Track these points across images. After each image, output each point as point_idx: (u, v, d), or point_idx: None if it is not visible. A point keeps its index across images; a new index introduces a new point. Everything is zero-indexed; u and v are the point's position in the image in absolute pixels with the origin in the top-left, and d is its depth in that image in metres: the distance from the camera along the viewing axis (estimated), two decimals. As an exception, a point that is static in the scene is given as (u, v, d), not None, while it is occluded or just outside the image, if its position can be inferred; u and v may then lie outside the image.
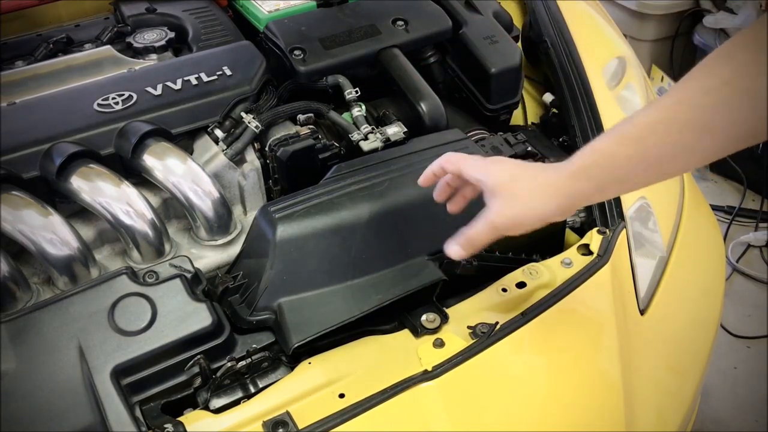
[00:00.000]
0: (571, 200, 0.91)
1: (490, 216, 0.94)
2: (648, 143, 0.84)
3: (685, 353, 1.25)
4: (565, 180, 0.90)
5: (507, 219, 0.93)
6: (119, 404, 0.93)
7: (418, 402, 0.98)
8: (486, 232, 0.96)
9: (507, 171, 0.94)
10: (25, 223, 1.10)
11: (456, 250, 0.99)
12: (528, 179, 0.92)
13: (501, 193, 0.93)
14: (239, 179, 1.29)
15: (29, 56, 1.51)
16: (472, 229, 0.97)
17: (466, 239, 0.98)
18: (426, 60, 1.56)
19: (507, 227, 0.95)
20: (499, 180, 0.94)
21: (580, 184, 0.89)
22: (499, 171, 0.95)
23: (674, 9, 2.96)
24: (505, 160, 0.98)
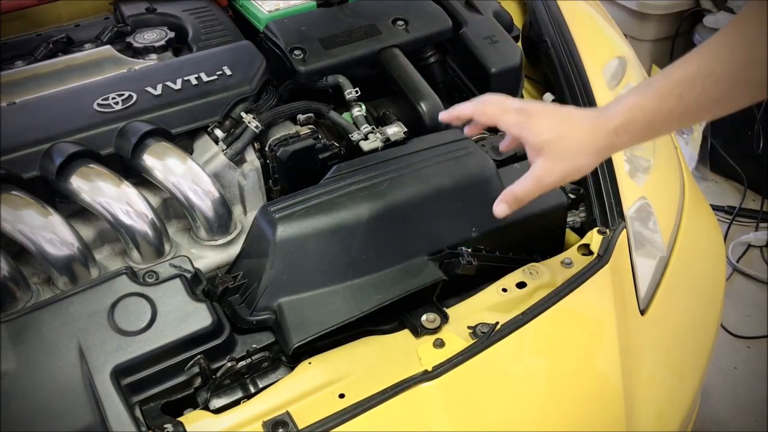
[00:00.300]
0: (610, 152, 0.97)
1: (538, 174, 0.96)
2: (688, 97, 0.88)
3: (686, 353, 1.25)
4: (608, 136, 0.93)
5: (555, 177, 0.96)
6: (119, 404, 0.93)
7: (418, 402, 0.98)
8: (534, 189, 0.97)
9: (549, 128, 0.95)
10: (25, 223, 1.10)
11: (502, 207, 0.99)
12: (572, 137, 0.94)
13: (547, 151, 0.95)
14: (239, 179, 1.29)
15: (29, 56, 1.51)
16: (518, 187, 0.98)
17: (513, 197, 0.99)
18: (426, 60, 1.56)
19: (555, 183, 0.97)
20: (542, 138, 0.95)
21: (621, 139, 0.93)
22: (541, 128, 0.95)
23: (674, 9, 2.96)
24: (542, 113, 0.97)
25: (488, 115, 1.00)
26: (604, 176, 1.30)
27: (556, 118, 0.96)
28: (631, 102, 0.92)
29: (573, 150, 0.94)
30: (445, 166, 1.22)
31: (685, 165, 1.52)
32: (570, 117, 0.96)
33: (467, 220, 1.19)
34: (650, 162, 1.41)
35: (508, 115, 0.98)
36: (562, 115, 0.97)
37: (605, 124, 0.93)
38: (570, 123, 0.95)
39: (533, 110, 0.98)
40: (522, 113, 0.97)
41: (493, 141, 1.40)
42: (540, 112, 0.97)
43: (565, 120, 0.96)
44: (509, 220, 1.21)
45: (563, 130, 0.95)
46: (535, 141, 0.95)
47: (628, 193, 1.30)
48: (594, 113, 0.95)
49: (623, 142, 0.94)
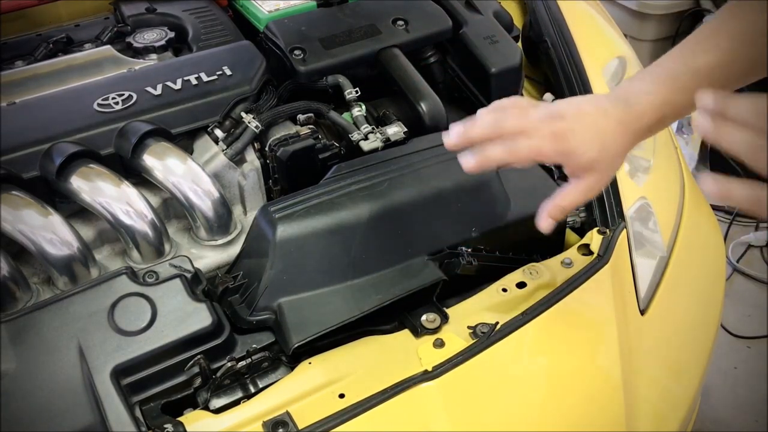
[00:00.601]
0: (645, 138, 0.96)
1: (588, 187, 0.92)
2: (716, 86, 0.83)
3: (686, 353, 1.25)
4: (644, 134, 0.93)
5: (603, 186, 0.95)
6: (119, 404, 0.93)
7: (418, 402, 0.98)
8: (582, 201, 0.95)
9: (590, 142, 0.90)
10: (25, 223, 1.10)
11: (549, 222, 0.95)
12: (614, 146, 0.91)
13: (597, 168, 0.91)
14: (239, 179, 1.29)
15: (29, 56, 1.51)
16: (566, 200, 0.94)
17: (560, 210, 0.95)
18: (426, 60, 1.56)
19: (600, 191, 0.98)
20: (590, 157, 0.90)
21: (650, 134, 0.95)
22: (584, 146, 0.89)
23: (674, 9, 2.96)
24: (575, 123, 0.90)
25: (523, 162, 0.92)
26: (604, 176, 1.30)
27: (589, 126, 0.91)
28: (660, 98, 0.90)
29: (616, 158, 0.93)
30: (445, 166, 1.22)
31: (685, 165, 1.52)
32: (601, 120, 0.91)
33: (467, 220, 1.19)
34: (650, 162, 1.41)
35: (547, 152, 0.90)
36: (593, 119, 0.91)
37: (636, 123, 0.91)
38: (605, 130, 0.91)
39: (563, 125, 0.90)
40: (557, 138, 0.89)
41: (493, 141, 1.40)
42: (572, 123, 0.90)
43: (601, 131, 0.91)
44: (509, 220, 1.22)
45: (602, 140, 0.90)
46: (583, 163, 0.90)
47: (628, 193, 1.30)
48: (621, 115, 0.91)
49: (653, 133, 0.96)
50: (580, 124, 0.91)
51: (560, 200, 0.94)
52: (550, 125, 0.90)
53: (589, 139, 0.90)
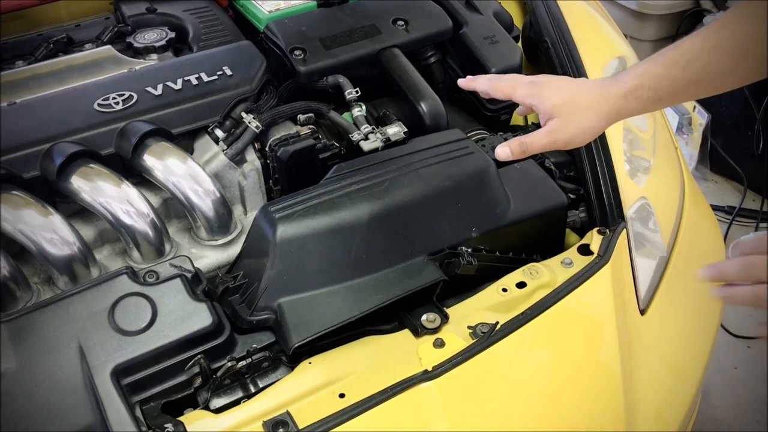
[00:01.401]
0: (618, 117, 1.00)
1: (550, 128, 0.99)
2: (694, 67, 0.93)
3: (686, 353, 1.25)
4: (617, 100, 0.97)
5: (567, 133, 0.99)
6: (119, 404, 0.93)
7: (418, 402, 0.98)
8: (543, 141, 0.99)
9: (559, 94, 0.99)
10: (26, 222, 1.10)
11: (505, 150, 1.01)
12: (581, 100, 0.98)
13: (558, 113, 0.98)
14: (239, 179, 1.29)
15: (29, 56, 1.51)
16: (528, 137, 1.01)
17: (519, 143, 1.01)
18: (426, 60, 1.56)
19: (565, 142, 0.99)
20: (553, 103, 0.99)
21: (629, 104, 0.98)
22: (551, 95, 0.99)
23: (675, 9, 2.96)
24: (552, 81, 1.02)
25: (502, 89, 1.03)
26: (604, 176, 1.30)
27: (566, 85, 1.01)
28: (641, 69, 0.97)
29: (582, 110, 0.98)
30: (445, 166, 1.22)
31: (685, 165, 1.52)
32: (579, 83, 1.01)
33: (467, 220, 1.20)
34: (650, 162, 1.42)
35: (521, 88, 1.02)
36: (571, 81, 1.02)
37: (615, 89, 0.97)
38: (579, 88, 1.00)
39: (543, 80, 1.03)
40: (533, 84, 1.01)
41: (493, 141, 1.40)
42: (550, 80, 1.02)
43: (574, 85, 1.01)
44: (509, 220, 1.22)
45: (572, 94, 0.99)
46: (546, 106, 0.99)
47: (628, 193, 1.30)
48: (604, 80, 1.00)
49: (631, 108, 0.99)
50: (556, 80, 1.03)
51: (523, 136, 1.01)
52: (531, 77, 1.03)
53: (559, 90, 1.00)
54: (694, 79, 0.94)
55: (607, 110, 0.98)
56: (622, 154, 1.35)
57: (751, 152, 2.65)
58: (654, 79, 0.96)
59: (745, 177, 2.76)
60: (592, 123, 0.98)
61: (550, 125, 0.99)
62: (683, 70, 0.93)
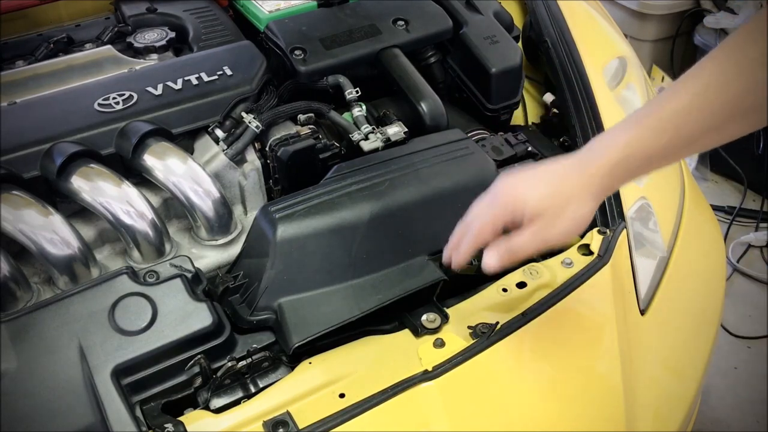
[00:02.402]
0: (607, 194, 0.92)
1: (538, 228, 0.89)
2: (685, 129, 0.84)
3: (686, 353, 1.25)
4: (602, 179, 0.88)
5: (556, 232, 0.89)
6: (120, 404, 0.93)
7: (418, 402, 0.98)
8: (532, 244, 0.90)
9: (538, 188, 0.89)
10: (26, 222, 1.10)
11: (493, 259, 0.92)
12: (566, 190, 0.88)
13: (543, 211, 0.89)
14: (240, 179, 1.29)
15: (30, 56, 1.51)
16: (515, 240, 0.91)
17: (507, 249, 0.91)
18: (426, 60, 1.56)
19: (557, 239, 0.90)
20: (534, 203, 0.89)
21: (617, 179, 0.90)
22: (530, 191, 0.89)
23: (675, 9, 2.96)
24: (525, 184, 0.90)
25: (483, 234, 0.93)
26: (604, 176, 1.30)
27: (540, 175, 0.90)
28: (624, 138, 0.87)
29: (567, 200, 0.88)
30: (445, 166, 1.22)
31: (685, 165, 1.52)
32: (552, 168, 0.91)
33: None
34: (650, 162, 1.41)
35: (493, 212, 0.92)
36: (544, 169, 0.91)
37: (596, 168, 0.88)
38: (556, 175, 0.90)
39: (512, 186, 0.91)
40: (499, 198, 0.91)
41: (493, 141, 1.40)
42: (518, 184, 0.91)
43: (549, 172, 0.90)
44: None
45: (552, 185, 0.89)
46: (529, 211, 0.89)
47: (628, 193, 1.30)
48: (581, 157, 0.89)
49: (620, 181, 0.91)
50: (521, 176, 0.92)
51: (510, 238, 0.92)
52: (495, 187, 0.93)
53: (530, 184, 0.90)
54: (688, 140, 0.85)
55: (594, 191, 0.88)
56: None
57: (751, 152, 2.65)
58: (640, 148, 0.86)
59: (745, 177, 2.77)
60: (583, 210, 0.89)
61: (534, 226, 0.88)
62: (675, 134, 0.84)
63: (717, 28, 2.84)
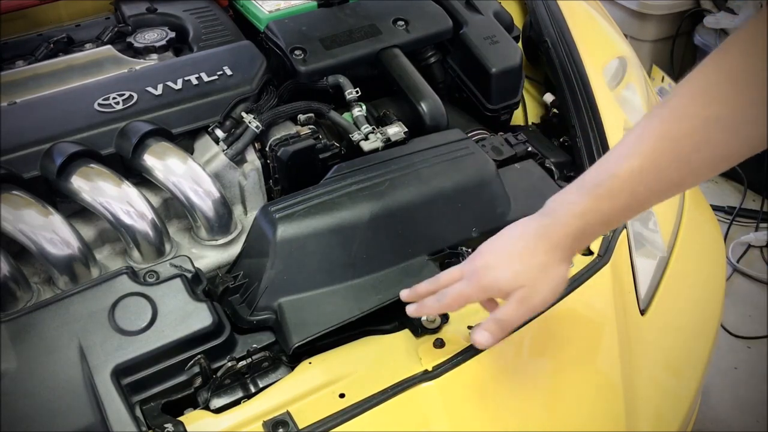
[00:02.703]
0: (576, 252, 0.94)
1: (521, 296, 0.90)
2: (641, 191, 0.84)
3: (686, 353, 1.25)
4: (568, 244, 0.90)
5: (540, 298, 0.91)
6: (120, 404, 0.93)
7: (418, 402, 0.98)
8: (518, 312, 0.91)
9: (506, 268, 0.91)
10: (26, 222, 1.10)
11: (483, 336, 0.92)
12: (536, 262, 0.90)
13: (521, 283, 0.90)
14: (240, 179, 1.29)
15: (30, 56, 1.51)
16: (500, 312, 0.92)
17: (494, 322, 0.92)
18: (426, 60, 1.56)
19: (542, 305, 0.92)
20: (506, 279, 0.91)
21: (581, 242, 0.92)
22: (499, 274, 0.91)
23: (675, 9, 2.96)
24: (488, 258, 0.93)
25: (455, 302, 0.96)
26: (604, 176, 1.30)
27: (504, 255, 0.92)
28: (581, 207, 0.87)
29: (541, 269, 0.90)
30: (445, 166, 1.22)
31: (685, 165, 1.52)
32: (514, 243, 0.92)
33: (467, 220, 1.20)
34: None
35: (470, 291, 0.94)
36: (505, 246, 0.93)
37: (559, 232, 0.89)
38: (520, 250, 0.91)
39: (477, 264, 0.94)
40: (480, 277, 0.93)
41: (493, 141, 1.40)
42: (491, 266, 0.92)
43: (513, 249, 0.91)
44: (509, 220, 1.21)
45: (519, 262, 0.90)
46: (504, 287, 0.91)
47: (628, 193, 1.29)
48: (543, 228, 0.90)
49: (585, 243, 0.94)
50: (493, 255, 0.94)
51: (494, 312, 0.93)
52: (469, 266, 0.95)
53: (504, 264, 0.91)
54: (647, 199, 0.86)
55: (563, 255, 0.90)
56: (622, 154, 1.35)
57: (751, 152, 2.65)
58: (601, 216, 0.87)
59: (745, 177, 2.77)
60: (557, 273, 0.91)
61: (518, 294, 0.90)
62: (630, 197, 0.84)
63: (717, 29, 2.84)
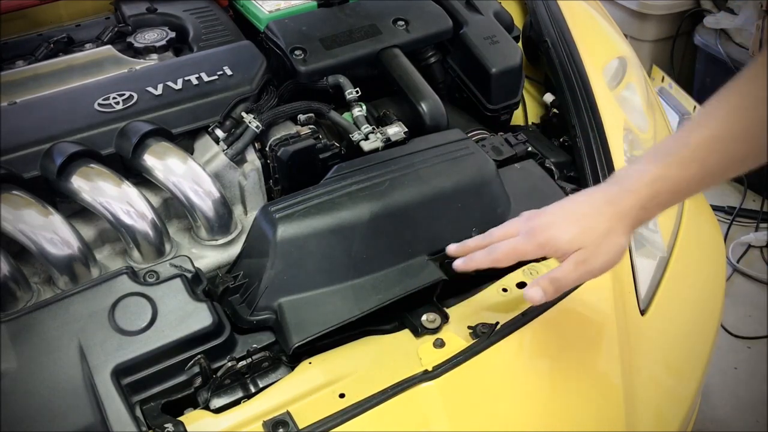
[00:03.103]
0: (640, 225, 0.95)
1: (580, 259, 0.91)
2: (710, 162, 0.87)
3: (686, 353, 1.25)
4: (637, 212, 0.92)
5: (599, 263, 0.92)
6: (120, 404, 0.93)
7: (418, 402, 0.98)
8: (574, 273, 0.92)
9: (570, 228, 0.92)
10: (26, 222, 1.10)
11: (536, 292, 0.93)
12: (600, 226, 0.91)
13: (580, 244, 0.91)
14: (240, 179, 1.29)
15: (30, 56, 1.51)
16: (557, 271, 0.93)
17: (549, 280, 0.94)
18: (426, 60, 1.56)
19: (600, 270, 0.93)
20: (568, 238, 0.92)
21: (649, 212, 0.93)
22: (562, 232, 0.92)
23: (675, 9, 2.96)
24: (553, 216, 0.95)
25: (506, 256, 0.97)
26: (604, 176, 1.30)
27: (570, 215, 0.94)
28: (650, 174, 0.90)
29: (604, 233, 0.91)
30: (445, 166, 1.22)
31: (685, 165, 1.52)
32: (583, 207, 0.94)
33: (468, 220, 1.20)
34: (650, 162, 1.41)
35: (525, 247, 0.95)
36: (574, 208, 0.95)
37: (629, 201, 0.91)
38: (588, 213, 0.93)
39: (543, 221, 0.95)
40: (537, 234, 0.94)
41: (493, 141, 1.40)
42: (550, 218, 0.94)
43: (580, 212, 0.93)
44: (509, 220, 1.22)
45: (584, 222, 0.92)
46: (562, 246, 0.92)
47: (628, 193, 1.29)
48: (609, 193, 0.93)
49: (652, 214, 0.94)
50: (556, 215, 0.95)
51: (552, 270, 0.94)
52: (527, 224, 0.96)
53: (566, 223, 0.93)
54: (713, 172, 0.89)
55: (628, 223, 0.92)
56: (622, 155, 1.36)
57: (751, 152, 2.65)
58: (670, 182, 0.90)
59: (745, 177, 2.77)
60: (620, 241, 0.92)
61: (577, 256, 0.91)
62: (700, 167, 0.88)
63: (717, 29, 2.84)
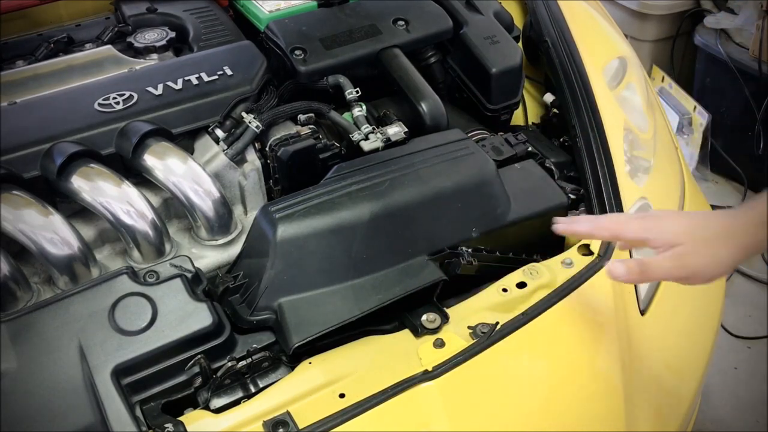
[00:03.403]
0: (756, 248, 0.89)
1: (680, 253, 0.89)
2: None
3: (686, 353, 1.25)
4: (753, 230, 0.88)
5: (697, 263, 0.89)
6: (120, 404, 0.93)
7: (418, 402, 0.98)
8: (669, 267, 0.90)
9: (682, 222, 0.90)
10: (26, 222, 1.10)
11: (621, 272, 0.92)
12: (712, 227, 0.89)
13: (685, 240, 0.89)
14: (240, 179, 1.29)
15: (30, 56, 1.51)
16: (651, 260, 0.91)
17: (639, 265, 0.92)
18: (427, 60, 1.56)
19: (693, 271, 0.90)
20: (676, 230, 0.90)
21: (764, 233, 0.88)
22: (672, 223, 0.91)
23: (675, 9, 2.96)
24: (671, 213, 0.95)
25: (607, 228, 0.96)
26: (604, 176, 1.30)
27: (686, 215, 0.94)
28: None
29: (713, 237, 0.88)
30: (445, 166, 1.22)
31: (685, 165, 1.52)
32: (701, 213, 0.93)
33: (468, 220, 1.20)
34: (650, 162, 1.41)
35: (631, 224, 0.94)
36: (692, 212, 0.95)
37: (743, 218, 0.88)
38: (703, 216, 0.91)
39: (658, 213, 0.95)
40: (646, 218, 0.93)
41: (493, 141, 1.40)
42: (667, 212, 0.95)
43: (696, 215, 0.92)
44: (509, 220, 1.22)
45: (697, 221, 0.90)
46: (666, 236, 0.90)
47: (628, 193, 1.29)
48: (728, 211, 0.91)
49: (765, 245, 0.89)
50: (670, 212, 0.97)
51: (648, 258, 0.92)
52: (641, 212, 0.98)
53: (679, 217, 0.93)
54: None
55: (744, 241, 0.88)
56: (622, 155, 1.35)
57: (751, 152, 2.65)
58: None
59: (745, 177, 2.77)
60: (727, 253, 0.88)
61: (677, 250, 0.88)
62: None
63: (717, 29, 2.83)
